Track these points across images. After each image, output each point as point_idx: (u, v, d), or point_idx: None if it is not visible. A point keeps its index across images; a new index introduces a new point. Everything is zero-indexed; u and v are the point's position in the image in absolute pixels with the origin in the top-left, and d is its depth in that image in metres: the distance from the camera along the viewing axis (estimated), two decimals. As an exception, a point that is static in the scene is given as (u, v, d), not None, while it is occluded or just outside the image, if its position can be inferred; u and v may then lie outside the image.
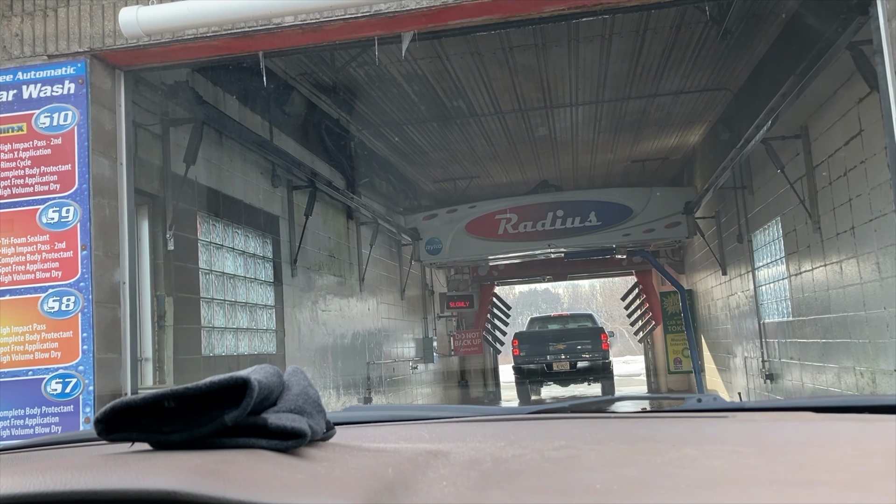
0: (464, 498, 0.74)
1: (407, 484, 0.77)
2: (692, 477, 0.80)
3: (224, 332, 6.73)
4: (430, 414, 1.55)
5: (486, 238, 12.70)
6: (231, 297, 6.92)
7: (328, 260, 9.55)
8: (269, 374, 0.90)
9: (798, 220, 8.23)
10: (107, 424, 0.85)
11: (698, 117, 11.94)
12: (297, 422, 0.87)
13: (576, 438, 1.11)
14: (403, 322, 13.29)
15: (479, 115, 11.10)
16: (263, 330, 7.52)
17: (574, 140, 12.83)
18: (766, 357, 10.28)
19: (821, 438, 1.04)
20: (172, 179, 5.94)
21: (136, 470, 0.72)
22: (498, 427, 1.28)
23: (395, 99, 10.07)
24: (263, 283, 7.62)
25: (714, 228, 12.65)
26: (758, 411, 1.37)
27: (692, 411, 1.43)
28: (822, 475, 0.79)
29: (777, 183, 8.90)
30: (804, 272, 8.19)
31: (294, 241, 8.33)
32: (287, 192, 8.37)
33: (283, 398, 0.92)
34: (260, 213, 7.64)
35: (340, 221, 10.24)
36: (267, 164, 7.87)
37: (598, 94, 10.58)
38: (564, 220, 12.52)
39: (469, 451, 0.96)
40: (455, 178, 15.06)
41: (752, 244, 10.43)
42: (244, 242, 7.27)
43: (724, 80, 10.32)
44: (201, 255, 6.43)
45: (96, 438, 0.92)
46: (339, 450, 0.93)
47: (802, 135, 7.64)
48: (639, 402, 7.42)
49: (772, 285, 9.74)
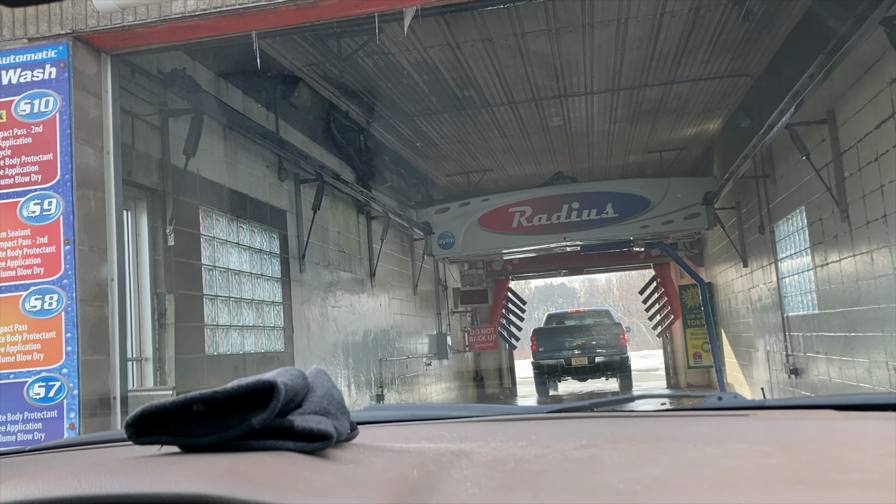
0: (488, 499, 0.74)
1: (432, 485, 0.78)
2: (715, 477, 0.79)
3: (229, 330, 6.51)
4: (451, 413, 1.54)
5: (500, 231, 12.43)
6: (236, 294, 6.70)
7: (338, 255, 9.32)
8: (294, 377, 0.91)
9: (824, 208, 7.90)
10: (137, 428, 0.87)
11: (717, 105, 11.60)
12: (322, 423, 0.89)
13: (597, 437, 1.11)
14: (416, 318, 13.06)
15: (492, 106, 10.82)
16: (271, 327, 7.30)
17: (589, 130, 12.53)
18: (790, 351, 9.96)
19: (844, 437, 1.03)
20: (172, 172, 5.73)
21: (169, 474, 0.73)
22: (519, 426, 1.28)
23: (405, 90, 9.82)
24: (270, 279, 7.40)
25: (734, 219, 12.32)
26: (779, 409, 1.36)
27: (713, 409, 1.42)
28: (846, 475, 0.78)
29: (801, 171, 8.57)
30: (831, 263, 7.87)
31: (302, 236, 8.10)
32: (294, 186, 8.14)
33: (308, 400, 0.94)
34: (266, 207, 7.41)
35: (350, 216, 10.01)
36: (273, 158, 7.65)
37: (614, 82, 10.27)
38: (580, 213, 12.22)
39: (491, 450, 0.97)
40: (468, 171, 14.79)
41: (775, 235, 10.10)
42: (250, 237, 7.05)
43: (744, 65, 9.98)
44: (204, 250, 6.22)
45: (123, 439, 0.93)
46: (363, 451, 0.94)
47: (829, 119, 7.32)
48: (659, 400, 7.24)
49: (796, 277, 9.42)
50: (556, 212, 12.32)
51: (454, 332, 16.13)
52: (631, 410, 1.56)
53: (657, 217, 11.90)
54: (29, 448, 1.38)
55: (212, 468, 0.75)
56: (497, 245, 12.56)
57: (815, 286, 8.48)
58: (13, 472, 1.09)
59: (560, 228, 12.29)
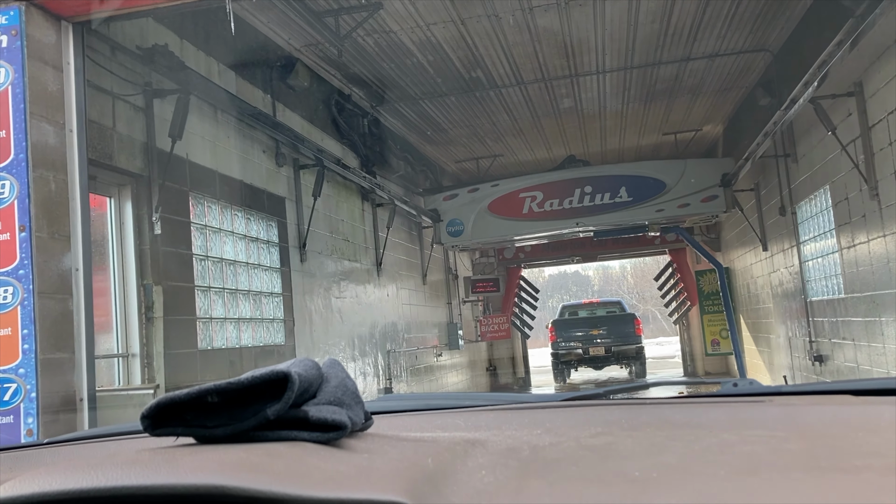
0: (503, 487, 0.74)
1: (447, 474, 0.78)
2: (731, 463, 0.79)
3: (224, 324, 6.20)
4: (465, 402, 1.52)
5: (510, 218, 12.05)
6: (231, 285, 6.39)
7: (342, 244, 9.00)
8: (308, 367, 0.92)
9: (851, 187, 7.49)
10: (153, 420, 0.87)
11: (734, 83, 11.15)
12: (337, 414, 0.89)
13: (612, 425, 1.10)
14: (426, 308, 12.73)
15: (500, 87, 10.44)
16: (269, 320, 6.99)
17: (601, 112, 12.12)
18: (813, 337, 9.55)
19: (861, 422, 1.02)
20: (158, 157, 5.40)
21: (185, 465, 0.73)
22: (534, 415, 1.27)
23: (409, 71, 9.45)
24: (269, 269, 7.08)
25: (753, 202, 11.88)
26: (796, 395, 1.34)
27: (729, 396, 1.41)
28: (864, 460, 0.77)
29: (825, 148, 8.15)
30: (858, 244, 7.46)
31: (302, 225, 7.78)
32: (294, 172, 7.81)
33: (323, 390, 0.94)
34: (263, 194, 7.09)
35: (355, 203, 9.68)
36: (270, 142, 7.32)
37: (627, 60, 9.86)
38: (593, 197, 11.82)
39: (506, 439, 0.97)
40: (477, 157, 14.42)
41: (797, 216, 9.68)
42: (245, 226, 6.73)
43: (763, 39, 9.54)
44: (195, 239, 5.90)
45: (140, 431, 0.94)
46: (378, 440, 0.94)
47: (856, 91, 6.90)
48: (674, 388, 6.99)
49: (819, 260, 9.00)
50: (569, 196, 11.93)
51: (466, 322, 15.80)
52: (646, 398, 1.51)
53: (673, 200, 11.48)
54: (46, 441, 1.38)
55: (227, 459, 0.76)
56: (507, 232, 12.18)
57: (841, 269, 8.07)
58: (30, 465, 1.07)
59: (572, 214, 11.90)
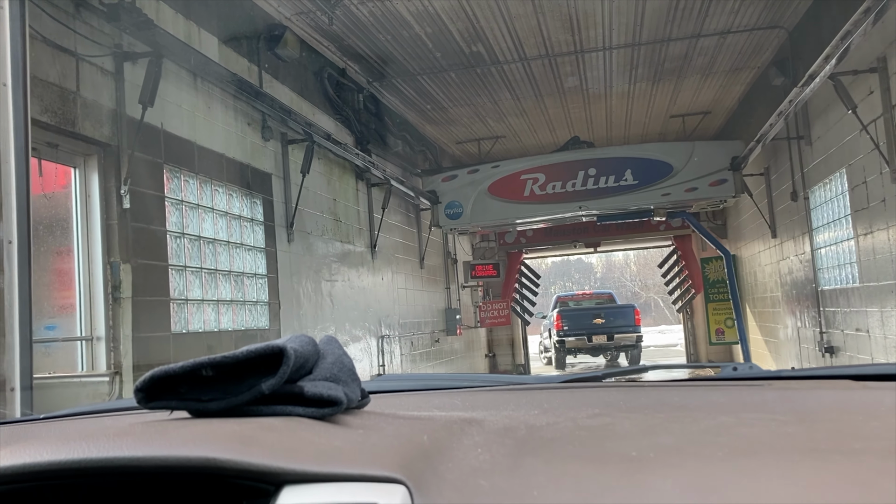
0: (499, 464, 0.74)
1: (442, 451, 0.77)
2: (729, 444, 0.78)
3: (201, 305, 5.83)
4: (463, 383, 1.52)
5: (511, 200, 11.64)
6: (211, 265, 6.01)
7: (334, 224, 8.61)
8: (304, 343, 0.91)
9: (870, 170, 7.07)
10: (146, 393, 0.87)
11: (746, 62, 10.71)
12: (332, 389, 0.88)
13: (610, 407, 1.09)
14: (423, 293, 12.35)
15: (502, 63, 10.01)
16: (253, 302, 6.61)
17: (607, 92, 11.69)
18: (824, 328, 9.17)
19: (860, 406, 1.01)
20: (128, 125, 5.01)
21: (177, 437, 0.73)
22: (531, 395, 1.26)
23: (406, 44, 9.03)
24: (252, 249, 6.70)
25: (763, 187, 11.46)
26: (795, 380, 1.32)
27: (728, 380, 1.39)
28: (863, 443, 0.77)
29: (843, 129, 7.73)
30: (877, 231, 7.06)
31: (290, 203, 7.38)
32: (281, 147, 7.41)
33: (319, 366, 0.93)
34: (247, 169, 6.69)
35: (348, 182, 9.28)
36: (256, 114, 6.91)
37: (635, 36, 9.42)
38: (597, 180, 11.39)
39: (503, 418, 0.96)
40: (479, 138, 14.00)
41: (809, 202, 9.27)
42: (227, 202, 6.34)
43: (778, 16, 9.10)
44: (170, 215, 5.51)
45: (136, 407, 0.95)
46: (374, 417, 0.94)
47: (879, 68, 6.47)
48: (673, 371, 6.99)
49: (833, 247, 8.60)
50: (572, 179, 11.51)
51: (465, 308, 15.43)
52: (645, 381, 1.46)
53: (680, 184, 11.06)
54: (42, 416, 1.36)
55: (221, 432, 0.75)
56: (508, 215, 11.77)
57: (857, 257, 7.67)
58: (22, 438, 1.04)
59: (575, 197, 11.48)
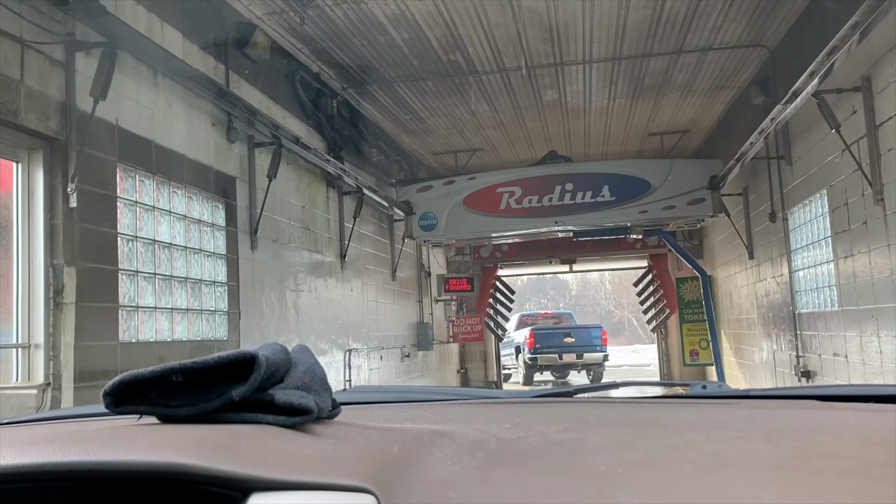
0: (468, 476, 0.74)
1: (412, 462, 0.77)
2: (696, 461, 0.79)
3: (153, 313, 5.50)
4: (435, 396, 1.53)
5: (486, 213, 11.41)
6: (166, 271, 5.68)
7: (301, 232, 8.31)
8: (276, 351, 0.90)
9: (851, 191, 6.93)
10: (115, 397, 0.85)
11: (727, 81, 10.61)
12: (303, 398, 0.88)
13: (580, 422, 1.11)
14: (395, 306, 12.06)
15: (480, 73, 9.81)
16: (210, 311, 6.29)
17: (586, 107, 11.53)
18: (800, 352, 9.01)
19: (825, 426, 1.03)
20: (78, 119, 4.69)
21: (144, 443, 0.72)
22: (503, 409, 1.26)
23: (382, 49, 8.79)
24: (212, 255, 6.38)
25: (740, 207, 11.34)
26: (763, 399, 1.34)
27: (697, 398, 1.42)
28: (826, 461, 0.79)
29: (824, 149, 7.60)
30: (857, 254, 6.91)
31: (255, 208, 7.08)
32: (248, 150, 7.11)
33: (290, 375, 0.92)
34: (210, 171, 6.39)
35: (318, 189, 8.99)
36: (221, 115, 6.62)
37: (616, 50, 9.27)
38: (574, 195, 11.20)
39: (474, 431, 0.97)
40: (456, 150, 13.79)
41: (788, 223, 9.13)
42: (186, 206, 6.03)
43: (760, 34, 9.00)
44: (122, 216, 5.19)
45: (105, 413, 0.97)
46: (344, 427, 0.94)
47: (864, 87, 6.34)
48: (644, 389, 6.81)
49: (812, 270, 8.46)
50: (548, 193, 11.31)
51: (438, 322, 15.15)
52: (616, 397, 1.44)
53: (658, 202, 10.90)
54: (6, 421, 1.31)
55: (189, 438, 0.74)
56: (483, 228, 11.53)
57: (837, 280, 7.52)
58: None
59: (551, 212, 11.28)
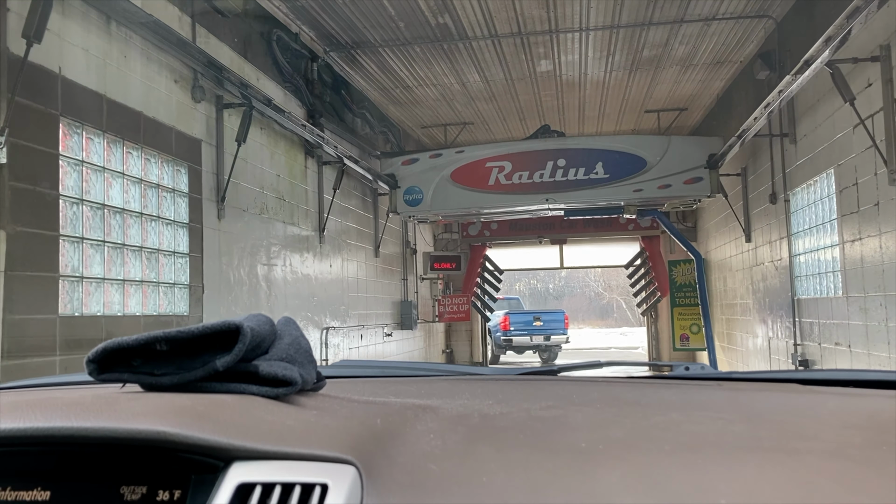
0: (450, 450, 0.74)
1: (395, 435, 0.78)
2: (676, 440, 0.80)
3: (102, 285, 5.00)
4: (420, 371, 1.55)
5: (475, 189, 10.91)
6: (117, 239, 5.18)
7: (275, 203, 7.81)
8: (261, 323, 0.90)
9: (863, 170, 6.48)
10: (99, 364, 0.86)
11: (729, 55, 10.12)
12: (287, 370, 0.88)
13: (563, 400, 1.11)
14: (377, 283, 11.59)
15: (471, 39, 9.28)
16: (169, 284, 5.79)
17: (582, 79, 11.02)
18: (798, 340, 8.61)
19: (805, 409, 1.04)
20: (9, 63, 4.17)
21: (127, 410, 0.72)
22: (487, 386, 1.27)
23: (366, 9, 8.24)
24: (172, 223, 5.87)
25: (738, 188, 10.89)
26: (745, 381, 1.35)
27: (681, 378, 1.41)
28: (804, 443, 0.79)
29: (833, 126, 7.14)
30: (866, 237, 6.47)
31: (223, 175, 6.57)
32: (216, 112, 6.59)
33: (275, 347, 0.92)
34: (171, 132, 5.87)
35: (296, 158, 8.47)
36: (186, 71, 6.09)
37: (614, 16, 8.75)
38: (566, 172, 10.72)
39: (457, 406, 0.97)
40: (445, 123, 13.28)
41: (790, 204, 8.69)
42: (143, 168, 5.51)
43: (767, 4, 8.50)
44: (66, 177, 4.68)
45: (88, 381, 0.99)
46: (328, 400, 0.95)
47: (882, 56, 5.86)
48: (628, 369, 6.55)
49: (814, 254, 8.03)
50: (540, 169, 10.82)
51: (423, 301, 14.70)
52: (600, 377, 1.45)
53: (653, 180, 10.44)
54: None
55: (172, 406, 0.74)
56: (470, 204, 11.04)
57: (842, 265, 7.09)
58: None
59: (542, 188, 10.80)
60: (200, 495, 0.65)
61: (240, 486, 0.64)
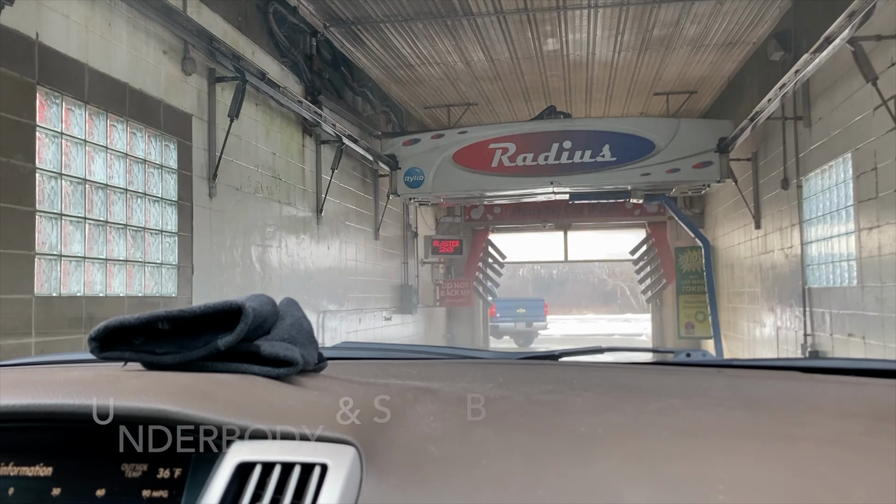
0: (450, 432, 0.74)
1: (395, 416, 0.78)
2: (676, 425, 0.80)
3: (82, 264, 4.77)
4: (422, 354, 1.55)
5: (477, 171, 10.64)
6: (100, 216, 4.94)
7: (271, 182, 7.55)
8: (263, 303, 0.89)
9: (883, 154, 6.20)
10: (101, 342, 0.86)
11: (742, 36, 9.80)
12: (289, 350, 0.89)
13: (564, 384, 1.11)
14: (377, 266, 11.36)
15: (475, 15, 8.98)
16: (156, 264, 5.56)
17: (589, 60, 10.71)
18: (809, 330, 8.36)
19: (805, 397, 1.04)
20: (-19, 27, 3.92)
21: (129, 388, 0.72)
22: (487, 369, 1.27)
23: (366, -17, 7.95)
24: (160, 200, 5.63)
25: (749, 173, 10.60)
26: (746, 368, 1.33)
27: (682, 364, 1.42)
28: (803, 431, 0.79)
29: (851, 108, 6.85)
30: (885, 225, 6.20)
31: (215, 151, 6.32)
32: (208, 86, 6.33)
33: (277, 327, 0.92)
34: (159, 105, 5.61)
35: (293, 136, 8.21)
36: (176, 42, 5.82)
37: (624, -7, 8.45)
38: (572, 154, 10.43)
39: (458, 389, 0.97)
40: (449, 104, 12.98)
41: (803, 190, 8.41)
42: (129, 142, 5.26)
43: (784, -19, 8.19)
44: (44, 150, 4.43)
45: (91, 359, 0.98)
46: (329, 381, 0.95)
47: (907, 34, 5.58)
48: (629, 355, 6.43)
49: (828, 242, 7.76)
50: (545, 151, 10.53)
51: (424, 285, 14.47)
52: (601, 362, 1.43)
53: (662, 164, 10.15)
54: None
55: (173, 385, 0.75)
56: (473, 186, 10.77)
57: (858, 253, 6.82)
58: None
59: (547, 171, 10.52)
60: (201, 474, 0.66)
61: (240, 465, 0.65)
